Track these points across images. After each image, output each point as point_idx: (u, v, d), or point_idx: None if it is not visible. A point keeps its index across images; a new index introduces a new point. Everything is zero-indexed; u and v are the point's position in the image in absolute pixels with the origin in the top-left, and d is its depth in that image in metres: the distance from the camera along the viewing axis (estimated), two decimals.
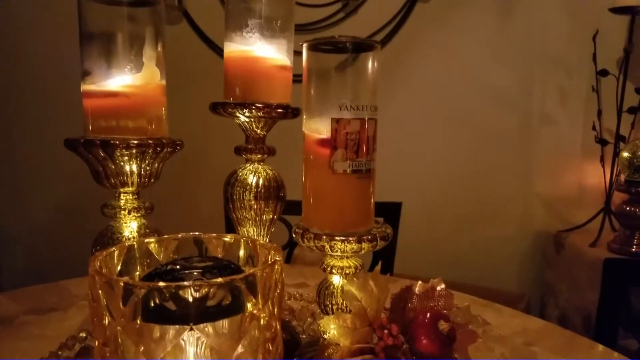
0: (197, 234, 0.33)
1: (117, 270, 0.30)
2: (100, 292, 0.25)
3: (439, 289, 0.40)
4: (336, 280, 0.44)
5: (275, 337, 0.28)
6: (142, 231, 0.46)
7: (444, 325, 0.36)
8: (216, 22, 1.53)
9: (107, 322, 0.25)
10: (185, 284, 0.24)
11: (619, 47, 1.44)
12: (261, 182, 0.50)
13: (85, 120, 0.45)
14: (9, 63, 1.66)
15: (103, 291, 0.25)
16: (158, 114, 0.46)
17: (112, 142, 0.42)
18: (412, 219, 1.31)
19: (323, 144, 0.42)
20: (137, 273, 0.31)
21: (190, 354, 0.24)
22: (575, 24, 1.50)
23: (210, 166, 1.52)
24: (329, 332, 0.38)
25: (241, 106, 0.47)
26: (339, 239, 0.41)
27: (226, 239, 0.33)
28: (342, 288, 0.43)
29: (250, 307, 0.26)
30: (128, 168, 0.44)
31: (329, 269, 0.44)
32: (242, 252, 0.33)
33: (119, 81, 0.44)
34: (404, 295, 0.40)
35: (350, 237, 0.41)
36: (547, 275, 1.56)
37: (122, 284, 0.24)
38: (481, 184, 1.59)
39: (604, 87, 1.48)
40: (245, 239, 0.34)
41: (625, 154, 1.28)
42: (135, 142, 0.43)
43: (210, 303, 0.24)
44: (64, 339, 0.52)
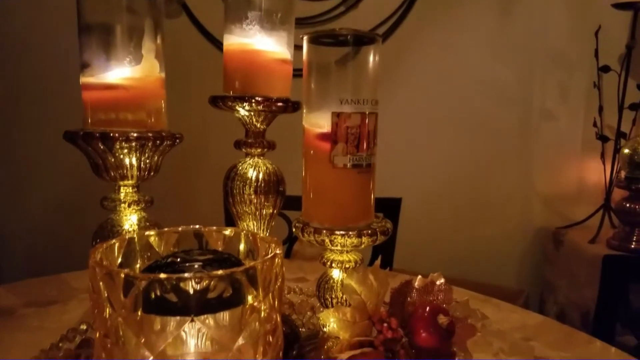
0: (198, 227, 0.33)
1: (118, 262, 0.30)
2: (101, 283, 0.25)
3: (438, 283, 0.40)
4: (336, 274, 0.44)
5: (276, 330, 0.28)
6: (142, 224, 0.46)
7: (443, 319, 0.36)
8: (215, 16, 1.52)
9: (108, 313, 0.25)
10: (187, 275, 0.24)
11: (621, 43, 1.44)
12: (261, 176, 0.50)
13: (85, 112, 0.44)
14: (8, 57, 1.65)
15: (104, 283, 0.25)
16: (157, 107, 0.46)
17: (112, 134, 0.42)
18: (412, 215, 1.31)
19: (323, 138, 0.42)
20: (137, 266, 0.31)
21: (191, 345, 0.24)
22: (577, 19, 1.49)
23: (210, 160, 1.52)
24: (329, 325, 0.38)
25: (241, 99, 0.47)
26: (339, 233, 0.41)
27: (226, 232, 0.33)
28: (342, 282, 0.43)
29: (251, 299, 0.26)
30: (128, 161, 0.44)
31: (328, 263, 0.44)
32: (242, 246, 0.33)
33: (118, 73, 0.43)
34: (403, 290, 0.40)
35: (351, 232, 0.41)
36: (546, 272, 1.56)
37: (123, 276, 0.24)
38: (481, 181, 1.59)
39: (605, 84, 1.47)
40: (246, 232, 0.33)
41: (626, 151, 1.28)
42: (135, 135, 0.43)
43: (211, 295, 0.24)
44: (63, 332, 0.52)
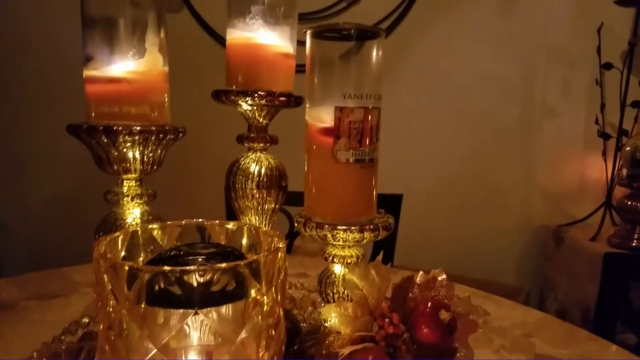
0: (200, 220, 0.33)
1: (121, 255, 0.30)
2: (105, 276, 0.25)
3: (440, 279, 0.40)
4: (337, 269, 0.44)
5: (278, 323, 0.28)
6: (145, 218, 0.46)
7: (444, 315, 0.36)
8: (217, 10, 1.52)
9: (111, 306, 0.25)
10: (190, 268, 0.24)
11: (624, 41, 1.43)
12: (263, 171, 0.50)
13: (88, 106, 0.44)
14: (11, 50, 1.65)
15: (108, 275, 0.25)
16: (161, 101, 0.46)
17: (115, 128, 0.42)
18: (413, 211, 1.31)
19: (326, 132, 0.42)
20: (140, 259, 0.31)
21: (194, 338, 0.24)
22: (579, 16, 1.49)
23: (212, 155, 1.52)
24: (330, 320, 0.38)
25: (244, 94, 0.47)
26: (341, 228, 0.41)
27: (229, 226, 0.33)
28: (344, 277, 0.43)
29: (254, 293, 0.26)
30: (131, 154, 0.44)
31: (330, 258, 0.44)
32: (244, 240, 0.33)
33: (121, 67, 0.43)
34: (405, 285, 0.40)
35: (353, 227, 0.41)
36: (546, 269, 1.56)
37: (127, 268, 0.24)
38: (482, 177, 1.58)
39: (607, 81, 1.47)
40: (248, 226, 0.34)
41: (628, 149, 1.27)
42: (138, 128, 0.43)
43: (215, 288, 0.24)
44: (65, 325, 0.53)
